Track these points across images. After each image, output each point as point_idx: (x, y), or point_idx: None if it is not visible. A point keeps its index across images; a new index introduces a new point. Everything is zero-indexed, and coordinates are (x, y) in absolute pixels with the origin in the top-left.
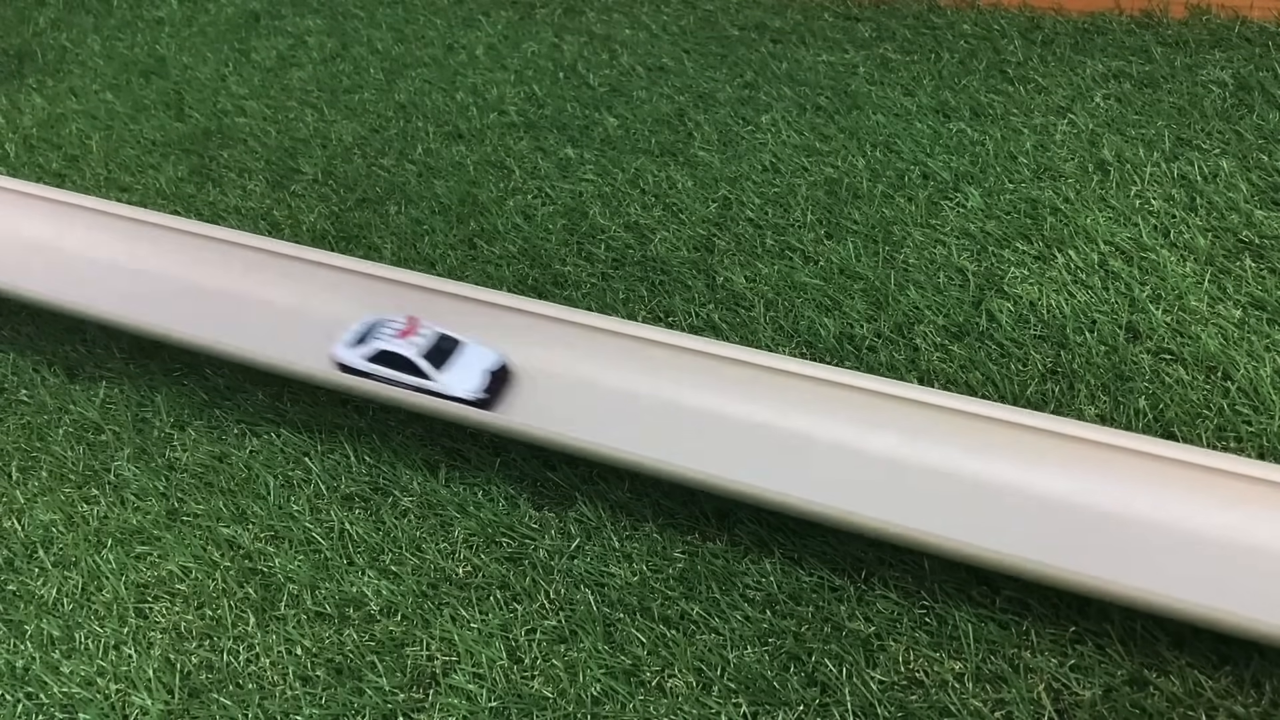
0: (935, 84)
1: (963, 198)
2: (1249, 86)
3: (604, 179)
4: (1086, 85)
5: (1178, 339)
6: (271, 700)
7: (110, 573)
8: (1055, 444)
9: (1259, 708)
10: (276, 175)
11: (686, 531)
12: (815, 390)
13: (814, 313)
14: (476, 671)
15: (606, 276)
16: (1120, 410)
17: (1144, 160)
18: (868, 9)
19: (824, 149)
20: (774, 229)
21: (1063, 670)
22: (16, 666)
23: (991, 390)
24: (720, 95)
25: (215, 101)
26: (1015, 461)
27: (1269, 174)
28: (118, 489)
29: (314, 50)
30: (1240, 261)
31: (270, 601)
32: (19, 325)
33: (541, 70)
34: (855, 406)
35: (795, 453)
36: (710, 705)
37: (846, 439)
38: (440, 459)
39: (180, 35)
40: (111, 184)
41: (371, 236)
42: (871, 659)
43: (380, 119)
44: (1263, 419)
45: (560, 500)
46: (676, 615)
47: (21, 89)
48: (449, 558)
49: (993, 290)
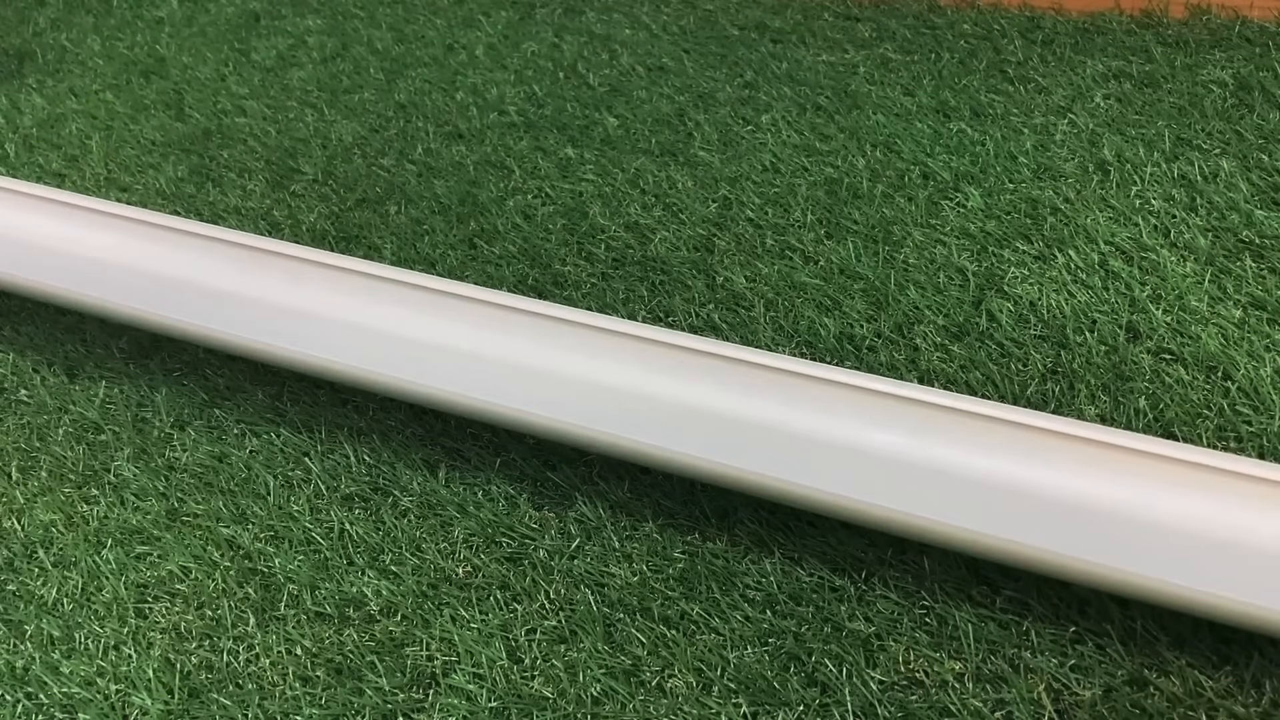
0: (935, 84)
1: (963, 198)
2: (1249, 86)
3: (604, 179)
4: (1086, 85)
5: (1178, 339)
6: (271, 700)
7: (110, 573)
8: (1056, 442)
9: (1259, 708)
10: (276, 175)
11: (686, 531)
12: (804, 386)
13: (814, 313)
14: (476, 671)
15: (606, 276)
16: (1120, 410)
17: (1144, 160)
18: (868, 9)
19: (824, 149)
20: (774, 229)
21: (1063, 670)
22: (16, 666)
23: (991, 390)
24: (720, 95)
25: (215, 101)
26: (1016, 457)
27: (1269, 174)
28: (118, 489)
29: (314, 50)
30: (1240, 261)
31: (270, 601)
32: (19, 325)
33: (541, 70)
34: (858, 405)
35: (781, 440)
36: (710, 705)
37: (840, 433)
38: (440, 459)
39: (180, 35)
40: (111, 184)
41: (371, 236)
42: (871, 659)
43: (380, 119)
44: (1263, 419)
45: (560, 500)
46: (676, 615)
47: (21, 89)
48: (449, 558)
49: (993, 290)
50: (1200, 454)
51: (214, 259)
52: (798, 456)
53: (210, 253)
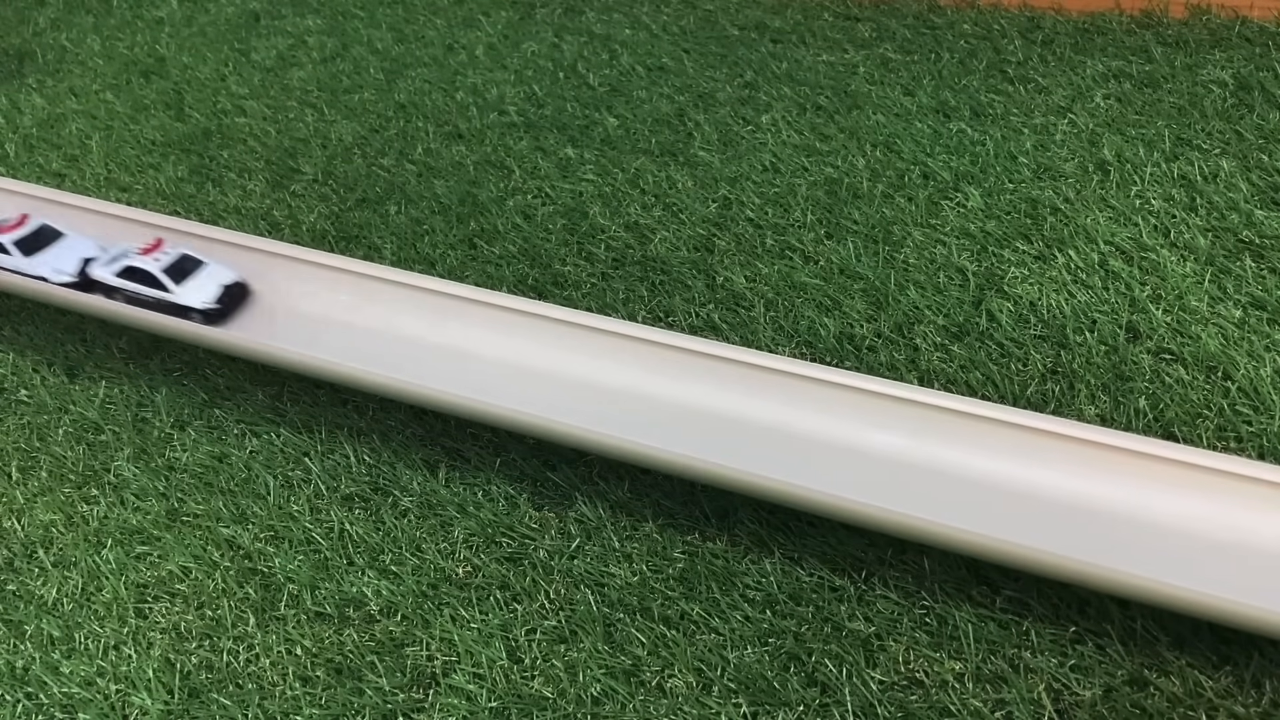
0: (935, 84)
1: (963, 198)
2: (1249, 86)
3: (604, 179)
4: (1086, 85)
5: (1178, 339)
6: (271, 700)
7: (110, 573)
8: (1055, 444)
9: (1259, 708)
10: (276, 175)
11: (686, 531)
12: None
13: (814, 312)
14: (476, 671)
15: (606, 276)
16: (1120, 410)
17: (1144, 160)
18: (868, 9)
19: (824, 149)
20: (774, 229)
21: (1063, 670)
22: (16, 666)
23: (991, 390)
24: (720, 95)
25: (215, 101)
26: (1015, 459)
27: (1269, 174)
28: (118, 489)
29: (314, 50)
30: (1240, 261)
31: (270, 601)
32: (19, 325)
33: (541, 70)
34: (856, 406)
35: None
36: (710, 705)
37: (839, 433)
38: (440, 459)
39: (180, 35)
40: (111, 184)
41: (371, 236)
42: (871, 659)
43: (380, 119)
44: (1263, 419)
45: (560, 500)
46: (676, 615)
47: (21, 89)
48: (449, 558)
49: (993, 290)
50: (1200, 455)
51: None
52: (797, 458)
53: (209, 255)
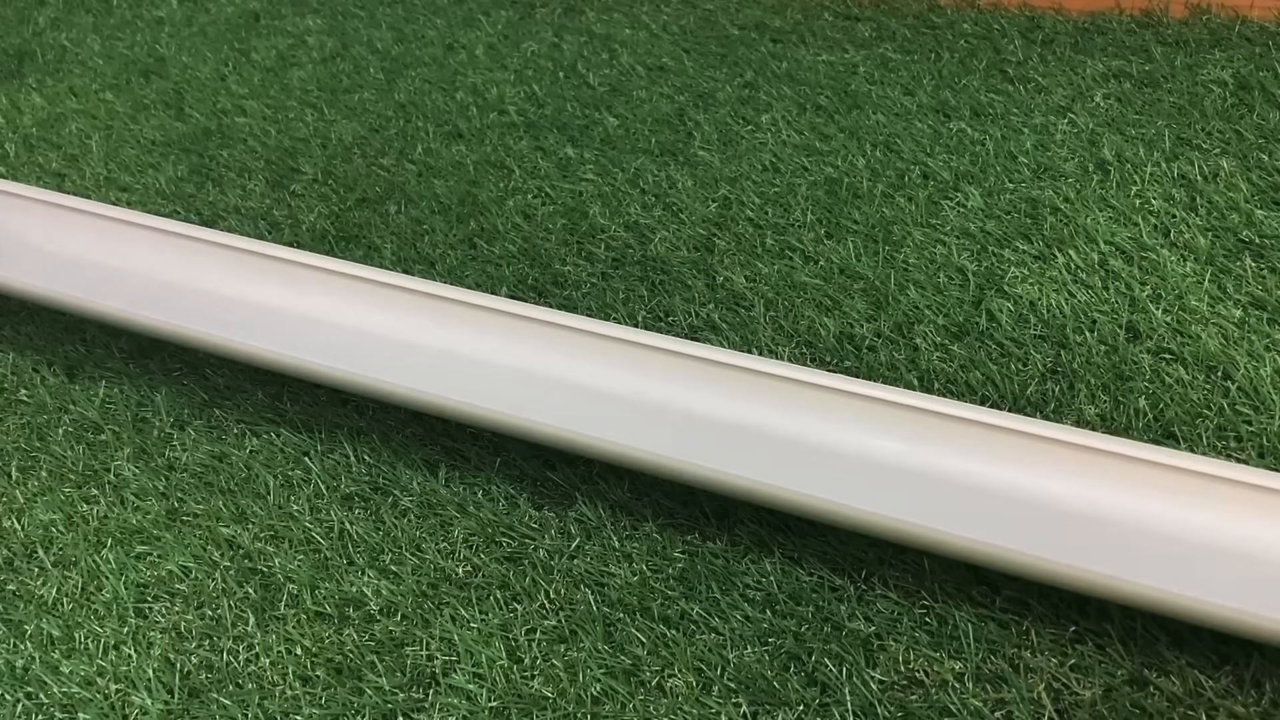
0: (935, 84)
1: (963, 197)
2: (1249, 86)
3: (604, 179)
4: (1086, 85)
5: (1178, 339)
6: (271, 700)
7: (110, 573)
8: (1056, 450)
9: (1259, 708)
10: (276, 175)
11: (686, 531)
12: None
13: (814, 312)
14: (476, 671)
15: (606, 276)
16: (1120, 410)
17: (1144, 160)
18: (868, 9)
19: (824, 149)
20: (774, 229)
21: (1063, 670)
22: (16, 666)
23: (991, 390)
24: (720, 95)
25: (215, 101)
26: (1016, 465)
27: (1269, 174)
28: (118, 489)
29: (314, 50)
30: (1240, 261)
31: (270, 601)
32: (19, 325)
33: (541, 70)
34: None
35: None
36: (710, 705)
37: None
38: (440, 458)
39: (180, 35)
40: (111, 184)
41: (371, 236)
42: (871, 659)
43: (380, 119)
44: (1263, 419)
45: (560, 500)
46: (676, 615)
47: (21, 89)
48: (449, 558)
49: (993, 290)
50: (1204, 463)
51: (213, 262)
52: (795, 463)
53: (209, 256)
